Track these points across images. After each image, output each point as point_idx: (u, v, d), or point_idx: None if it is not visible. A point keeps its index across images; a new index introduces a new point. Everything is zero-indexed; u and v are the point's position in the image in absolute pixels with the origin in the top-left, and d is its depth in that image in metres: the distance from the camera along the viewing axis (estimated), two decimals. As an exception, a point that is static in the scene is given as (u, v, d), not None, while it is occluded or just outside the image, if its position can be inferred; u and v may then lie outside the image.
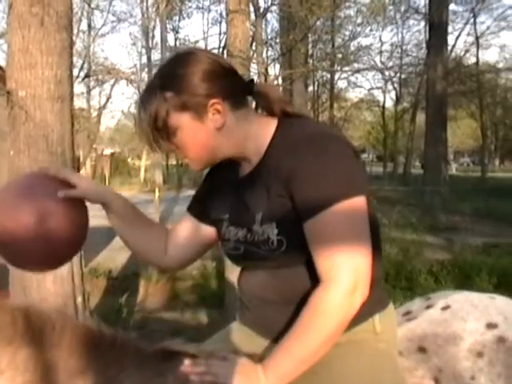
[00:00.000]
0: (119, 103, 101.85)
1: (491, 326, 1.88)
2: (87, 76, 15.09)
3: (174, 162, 51.40)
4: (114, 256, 11.64)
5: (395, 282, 8.32)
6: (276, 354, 1.59)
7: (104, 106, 22.23)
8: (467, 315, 1.92)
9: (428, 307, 2.02)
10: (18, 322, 1.46)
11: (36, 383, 1.45)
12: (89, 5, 22.47)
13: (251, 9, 8.27)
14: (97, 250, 11.74)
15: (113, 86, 23.89)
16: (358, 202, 1.58)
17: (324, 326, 1.53)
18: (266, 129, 1.74)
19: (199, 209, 1.99)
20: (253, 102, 1.86)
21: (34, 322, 1.48)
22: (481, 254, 10.74)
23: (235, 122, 1.72)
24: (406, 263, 9.31)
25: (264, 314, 1.78)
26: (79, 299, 4.82)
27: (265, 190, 1.67)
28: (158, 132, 1.69)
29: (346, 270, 1.52)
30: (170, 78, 1.68)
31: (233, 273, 6.78)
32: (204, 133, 1.69)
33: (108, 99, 24.19)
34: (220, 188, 1.90)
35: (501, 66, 41.89)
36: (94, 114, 22.54)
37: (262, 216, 1.66)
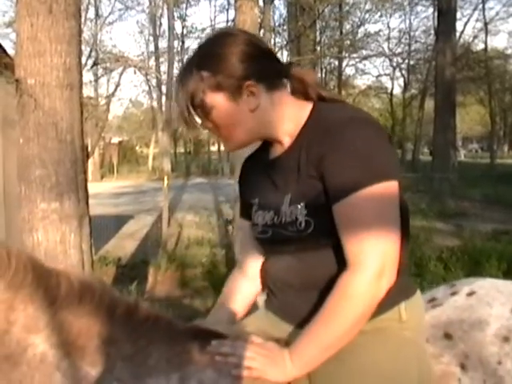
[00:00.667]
0: (127, 91, 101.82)
1: None
2: (95, 64, 15.06)
3: (182, 150, 51.50)
4: (123, 244, 11.71)
5: (405, 269, 8.31)
6: (302, 339, 1.59)
7: (113, 94, 22.18)
8: (493, 301, 1.90)
9: (453, 294, 2.00)
10: (62, 286, 1.49)
11: (69, 345, 1.49)
12: (96, -7, 22.48)
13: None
14: (106, 238, 11.79)
15: (121, 73, 23.89)
16: (390, 186, 1.57)
17: (350, 310, 1.54)
18: (300, 112, 1.74)
19: (246, 209, 1.97)
20: (288, 85, 1.83)
21: (76, 287, 1.51)
22: (490, 241, 10.72)
23: (270, 104, 1.72)
24: (415, 249, 9.28)
25: (288, 300, 1.78)
26: (90, 286, 4.83)
27: (296, 171, 1.67)
28: (194, 110, 1.69)
29: (373, 255, 1.52)
30: (208, 58, 1.68)
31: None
32: (238, 114, 1.69)
33: (117, 87, 24.16)
34: (252, 172, 1.92)
35: (509, 51, 41.76)
36: (102, 102, 22.49)
37: (291, 197, 1.66)
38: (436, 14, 23.63)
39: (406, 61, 38.40)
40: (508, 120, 53.70)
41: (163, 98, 37.65)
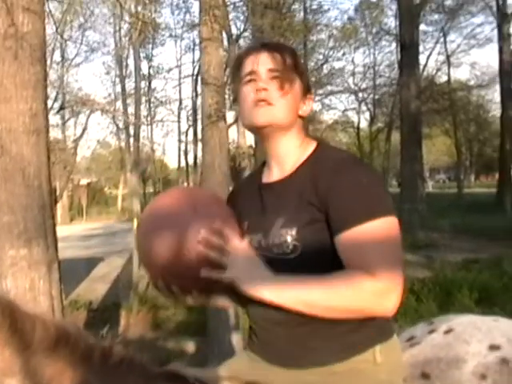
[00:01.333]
0: (95, 132, 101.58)
1: (494, 347, 1.85)
2: (62, 108, 15.06)
3: (152, 190, 51.34)
4: (94, 287, 11.58)
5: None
6: (293, 278, 1.63)
7: (80, 137, 22.19)
8: (470, 338, 1.90)
9: (431, 331, 2.00)
10: (37, 330, 1.49)
11: None
12: (61, 36, 22.45)
13: (224, 35, 8.30)
14: (76, 282, 11.66)
15: (88, 116, 23.92)
16: (394, 221, 1.65)
17: (348, 297, 1.56)
18: (308, 144, 1.85)
19: None
20: None
21: (51, 332, 1.51)
22: (461, 270, 10.78)
23: (302, 124, 1.88)
24: (386, 283, 9.29)
25: (270, 339, 1.78)
26: (60, 333, 4.76)
27: (295, 197, 1.72)
28: (284, 70, 1.79)
29: (389, 272, 1.57)
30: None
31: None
32: (295, 103, 1.82)
33: (84, 130, 24.15)
34: (242, 196, 1.97)
35: (472, 83, 42.43)
36: (70, 144, 22.46)
37: (285, 220, 1.70)
38: (399, 48, 24.04)
39: (372, 95, 38.91)
40: (473, 150, 54.45)
41: (131, 139, 37.78)
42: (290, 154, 1.83)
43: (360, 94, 38.97)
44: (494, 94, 43.08)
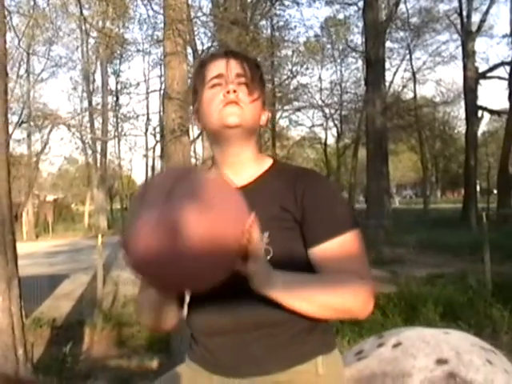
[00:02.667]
0: (62, 148, 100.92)
1: (441, 361, 1.81)
2: (23, 122, 14.96)
3: (119, 206, 51.03)
4: (58, 304, 11.42)
5: (343, 317, 8.32)
6: (297, 274, 1.62)
7: (41, 152, 21.99)
8: (417, 352, 1.86)
9: (380, 345, 1.97)
10: None
11: None
12: (26, 51, 22.31)
13: (189, 50, 8.30)
14: (40, 299, 11.50)
15: (50, 131, 23.72)
16: (360, 234, 1.71)
17: (344, 297, 1.60)
18: (263, 159, 1.89)
19: None
20: None
21: None
22: (426, 285, 10.84)
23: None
24: (352, 298, 9.32)
25: (216, 346, 1.73)
26: (20, 351, 4.68)
27: (266, 203, 1.72)
28: (252, 78, 1.80)
29: (371, 279, 1.64)
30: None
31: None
32: (259, 113, 1.84)
33: (45, 145, 23.92)
34: None
35: (437, 100, 43.04)
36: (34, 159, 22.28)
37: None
38: (365, 65, 24.28)
39: (338, 111, 39.20)
40: (439, 166, 55.12)
41: (98, 155, 37.59)
42: (247, 165, 1.82)
43: (327, 110, 39.27)
44: (459, 111, 43.89)
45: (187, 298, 1.79)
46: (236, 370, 1.68)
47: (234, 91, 1.75)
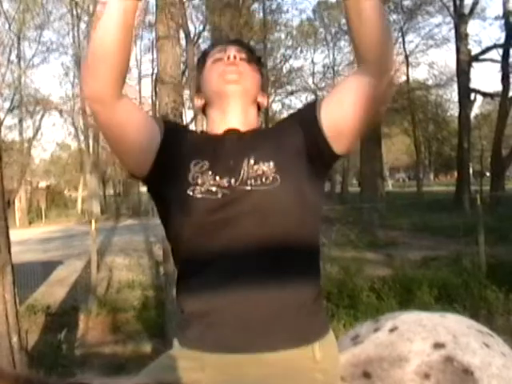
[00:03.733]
0: (54, 134, 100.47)
1: (438, 345, 1.79)
2: (15, 108, 14.88)
3: (112, 192, 50.98)
4: (52, 291, 11.41)
5: (338, 301, 8.31)
6: None
7: (34, 138, 21.87)
8: (414, 336, 1.83)
9: (376, 330, 1.93)
10: None
11: None
12: (17, 36, 22.16)
13: (182, 35, 8.25)
14: (34, 286, 11.49)
15: (42, 117, 23.57)
16: None
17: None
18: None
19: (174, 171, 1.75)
20: None
21: None
22: (420, 268, 10.89)
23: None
24: (347, 281, 9.32)
25: (212, 322, 1.64)
26: (14, 339, 4.66)
27: (270, 138, 1.77)
28: (251, 57, 1.89)
29: None
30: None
31: (172, 302, 6.70)
32: (258, 85, 1.89)
33: (37, 130, 23.76)
34: (190, 141, 1.81)
35: (430, 82, 42.98)
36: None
37: (255, 158, 1.68)
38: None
39: (331, 94, 39.10)
40: (432, 149, 55.06)
41: (90, 141, 37.47)
42: (247, 127, 1.82)
43: (320, 94, 39.21)
44: (452, 94, 43.82)
45: (175, 276, 1.74)
46: (240, 345, 1.59)
47: (235, 57, 1.82)
